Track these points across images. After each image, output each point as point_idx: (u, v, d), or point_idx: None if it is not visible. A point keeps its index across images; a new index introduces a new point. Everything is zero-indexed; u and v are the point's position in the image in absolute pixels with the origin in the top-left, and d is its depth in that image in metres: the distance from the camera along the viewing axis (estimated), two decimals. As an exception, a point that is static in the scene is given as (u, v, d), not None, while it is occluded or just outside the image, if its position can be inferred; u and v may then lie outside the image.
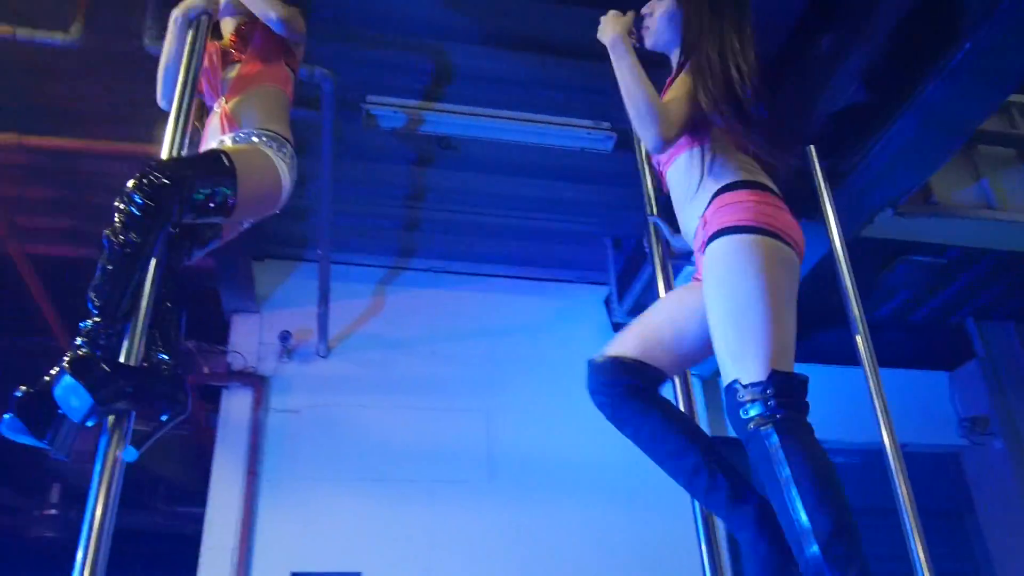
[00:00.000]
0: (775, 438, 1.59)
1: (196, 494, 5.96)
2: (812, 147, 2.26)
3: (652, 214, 2.24)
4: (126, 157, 3.61)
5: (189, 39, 2.04)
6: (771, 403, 1.62)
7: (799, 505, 1.53)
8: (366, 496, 4.12)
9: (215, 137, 2.18)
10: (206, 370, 4.56)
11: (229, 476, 4.22)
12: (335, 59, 3.25)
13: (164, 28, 3.12)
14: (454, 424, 4.46)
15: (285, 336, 4.45)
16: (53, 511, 6.87)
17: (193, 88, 1.93)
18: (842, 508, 1.54)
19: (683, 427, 1.83)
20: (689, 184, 1.91)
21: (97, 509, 1.44)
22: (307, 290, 4.52)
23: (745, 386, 1.65)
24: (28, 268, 4.13)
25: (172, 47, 2.24)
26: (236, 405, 4.40)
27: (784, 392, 1.63)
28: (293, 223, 4.56)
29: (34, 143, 3.56)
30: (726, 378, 1.69)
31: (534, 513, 4.32)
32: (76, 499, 6.87)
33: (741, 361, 1.67)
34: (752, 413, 1.63)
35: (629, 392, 1.84)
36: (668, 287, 2.09)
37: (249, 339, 4.55)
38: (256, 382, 4.41)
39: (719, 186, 1.85)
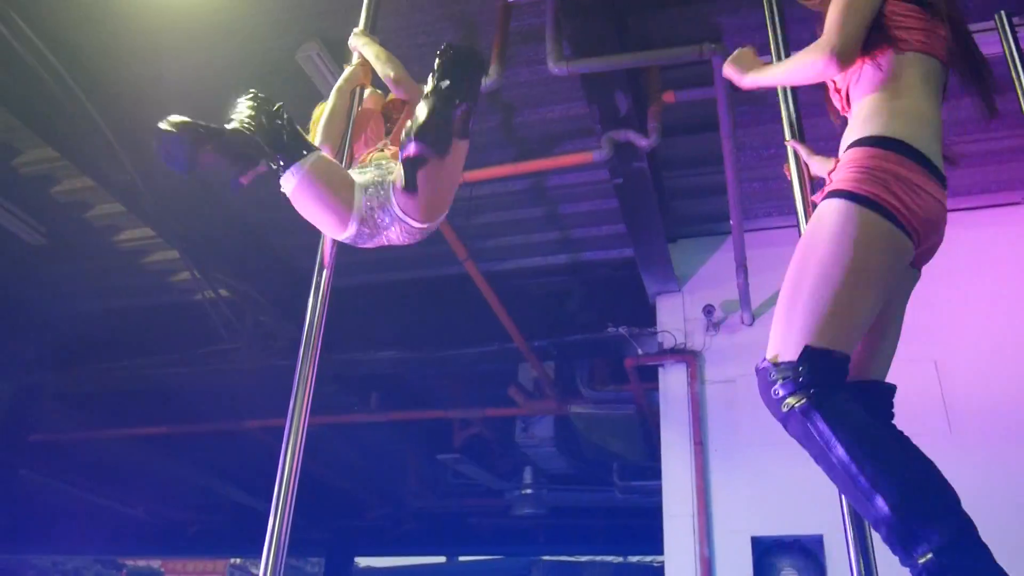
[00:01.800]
0: (815, 417, 1.46)
1: (648, 469, 6.39)
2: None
3: (789, 139, 1.98)
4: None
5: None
6: (802, 380, 1.49)
7: (863, 484, 1.40)
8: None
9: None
10: (640, 352, 4.90)
11: (677, 449, 4.47)
12: (732, 31, 3.33)
13: (565, 50, 3.48)
14: (901, 376, 4.18)
15: (709, 310, 4.60)
16: (528, 490, 7.85)
17: None
18: (907, 471, 1.40)
19: None
20: (851, 121, 1.72)
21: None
22: (724, 263, 4.63)
23: (777, 365, 1.53)
24: (485, 285, 4.80)
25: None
26: (673, 381, 4.66)
27: (819, 368, 1.49)
28: (701, 201, 4.70)
29: (474, 177, 4.14)
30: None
31: (1002, 463, 3.89)
32: (547, 479, 7.77)
33: (781, 337, 1.55)
34: (782, 393, 1.50)
35: None
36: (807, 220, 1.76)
37: (675, 317, 4.78)
38: (688, 357, 4.62)
39: (858, 136, 1.65)
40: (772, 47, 2.02)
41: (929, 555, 1.33)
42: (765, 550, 4.01)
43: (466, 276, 4.82)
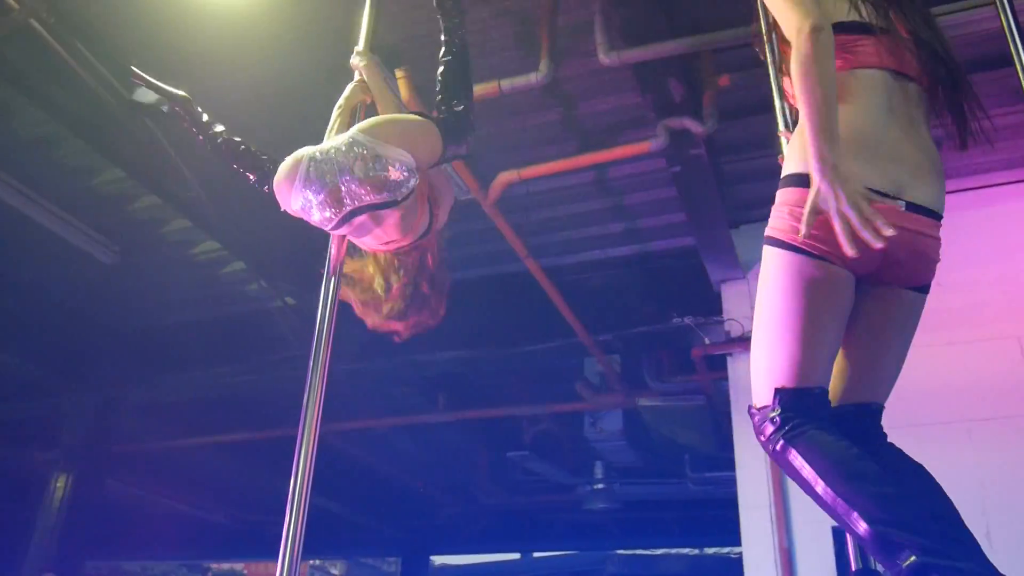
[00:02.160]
0: (791, 453, 1.54)
1: (721, 459, 6.29)
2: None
3: (782, 131, 1.96)
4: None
5: None
6: (778, 421, 1.56)
7: (842, 506, 1.44)
8: (900, 444, 3.93)
9: None
10: (707, 341, 4.83)
11: (750, 438, 4.35)
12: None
13: (615, 41, 3.44)
14: (983, 356, 4.04)
15: (775, 296, 4.50)
16: (600, 485, 7.82)
17: None
18: (882, 484, 1.45)
19: None
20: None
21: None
22: (789, 247, 4.51)
23: (759, 410, 1.61)
24: (546, 281, 4.79)
25: None
26: (742, 370, 4.57)
27: (791, 407, 1.57)
28: (762, 185, 4.59)
29: (531, 173, 4.13)
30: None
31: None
32: (618, 472, 7.72)
33: (756, 383, 1.64)
34: (766, 435, 1.58)
35: None
36: None
37: (742, 304, 4.69)
38: (757, 345, 4.52)
39: (783, 175, 1.70)
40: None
41: (912, 558, 1.37)
42: (847, 541, 3.90)
43: (528, 273, 4.82)
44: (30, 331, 5.93)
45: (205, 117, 2.60)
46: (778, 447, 1.55)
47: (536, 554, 12.57)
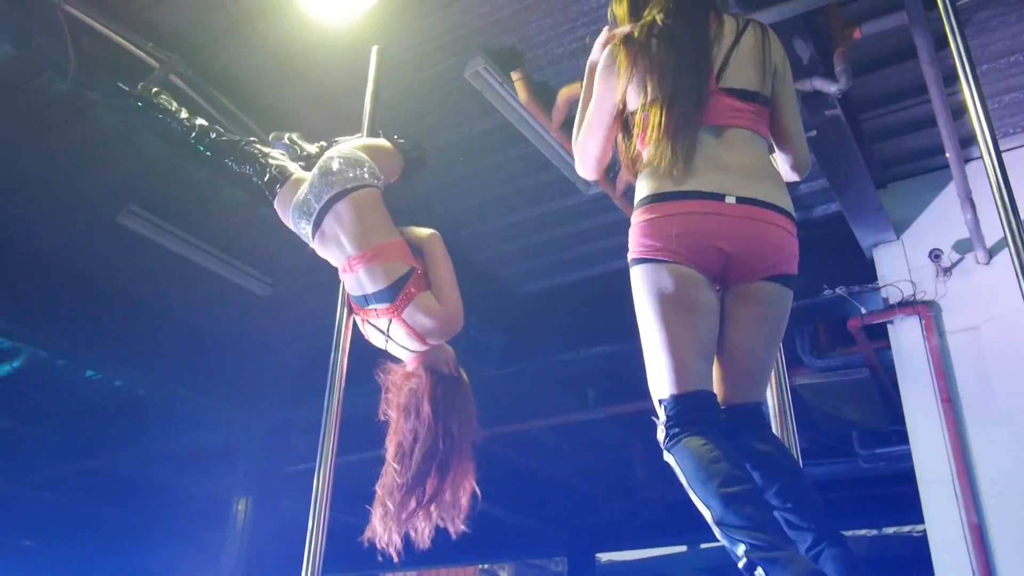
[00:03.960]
0: (671, 458, 1.73)
1: (892, 433, 5.95)
2: None
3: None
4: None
5: None
6: (663, 429, 1.75)
7: (701, 504, 1.65)
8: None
9: None
10: (864, 311, 4.56)
11: (923, 409, 4.11)
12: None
13: (732, 6, 3.31)
14: None
15: (936, 254, 4.21)
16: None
17: None
18: (726, 488, 1.60)
19: None
20: None
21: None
22: (945, 200, 4.21)
23: (656, 421, 1.79)
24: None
25: None
26: (906, 337, 4.29)
27: (674, 415, 1.74)
28: (909, 138, 4.33)
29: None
30: None
31: None
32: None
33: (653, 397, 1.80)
34: (661, 445, 1.76)
35: None
36: None
37: (898, 268, 4.41)
38: (920, 309, 4.24)
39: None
40: None
41: (744, 559, 1.57)
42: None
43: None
44: (201, 366, 6.36)
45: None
46: (665, 457, 1.74)
47: (703, 545, 12.31)
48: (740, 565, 1.58)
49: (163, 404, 6.96)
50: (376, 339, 2.54)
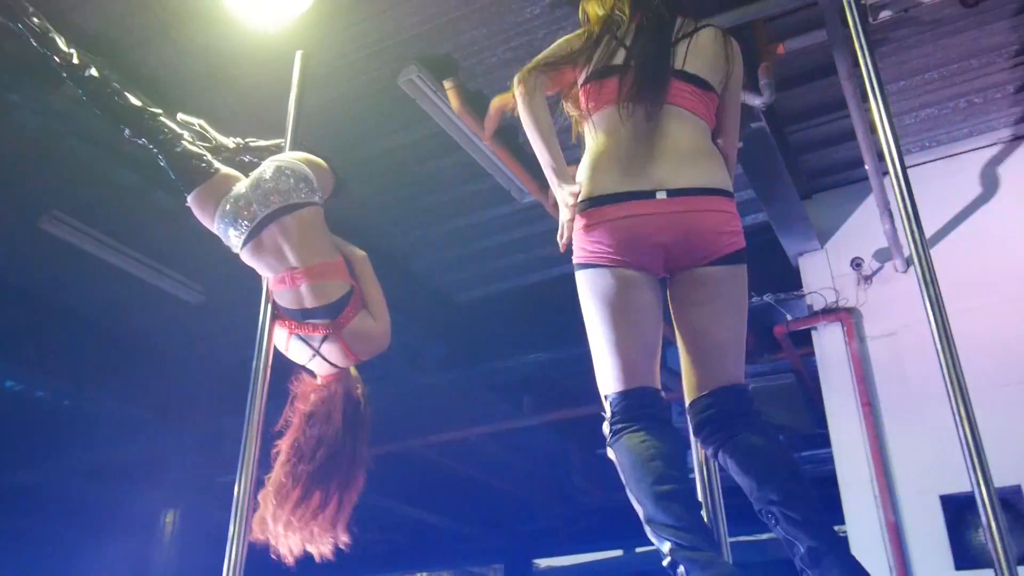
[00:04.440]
0: (611, 453, 1.78)
1: (818, 437, 6.10)
2: None
3: None
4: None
5: None
6: (607, 426, 1.81)
7: (632, 499, 1.70)
8: (1007, 403, 3.76)
9: None
10: (789, 317, 4.70)
11: (844, 412, 4.25)
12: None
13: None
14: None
15: (858, 263, 4.36)
16: (695, 474, 7.65)
17: None
18: (654, 489, 1.64)
19: None
20: None
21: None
22: (865, 210, 4.37)
23: (603, 419, 1.83)
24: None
25: None
26: (829, 343, 4.44)
27: (617, 412, 1.79)
28: (832, 151, 4.47)
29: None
30: None
31: None
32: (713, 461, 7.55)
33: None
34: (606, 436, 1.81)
35: None
36: None
37: (822, 276, 4.56)
38: (842, 316, 4.39)
39: None
40: None
41: (668, 557, 1.62)
42: (958, 508, 3.74)
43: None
44: (129, 376, 6.20)
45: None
46: (608, 454, 1.78)
47: (639, 549, 12.44)
48: (664, 563, 1.61)
49: (88, 416, 6.77)
50: (300, 354, 2.51)
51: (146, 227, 4.95)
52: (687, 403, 1.88)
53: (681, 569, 1.59)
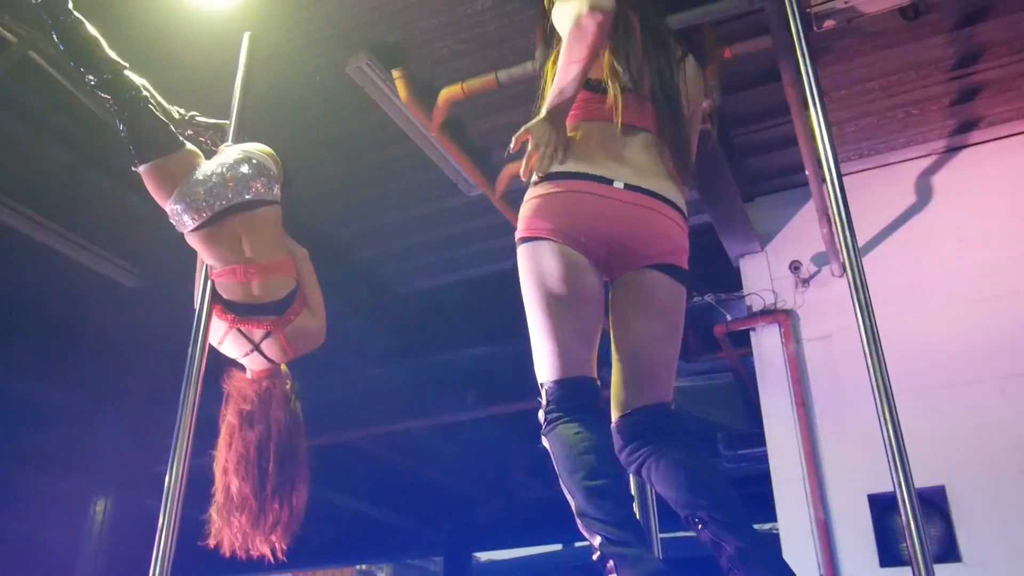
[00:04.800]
0: (546, 441, 1.74)
1: (754, 435, 6.23)
2: None
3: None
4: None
5: None
6: (545, 411, 1.76)
7: (566, 492, 1.68)
8: (933, 406, 3.88)
9: None
10: (729, 318, 4.78)
11: (779, 412, 4.35)
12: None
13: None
14: (1010, 311, 3.97)
15: (796, 266, 4.46)
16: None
17: None
18: (587, 483, 1.63)
19: None
20: None
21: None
22: (805, 214, 4.47)
23: (539, 403, 1.78)
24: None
25: None
26: (767, 344, 4.53)
27: (555, 400, 1.75)
28: (775, 155, 4.55)
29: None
30: None
31: None
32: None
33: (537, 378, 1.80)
34: (541, 420, 1.77)
35: None
36: None
37: (762, 278, 4.64)
38: (780, 317, 4.48)
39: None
40: None
41: (598, 552, 1.60)
42: (885, 507, 3.86)
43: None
44: (60, 360, 6.03)
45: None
46: (542, 442, 1.74)
47: (578, 543, 12.55)
48: (594, 557, 1.60)
49: (17, 400, 6.55)
50: (236, 348, 2.46)
51: (80, 206, 4.80)
52: (614, 419, 1.87)
53: (611, 564, 1.58)
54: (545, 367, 1.78)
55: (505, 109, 4.07)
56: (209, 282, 2.40)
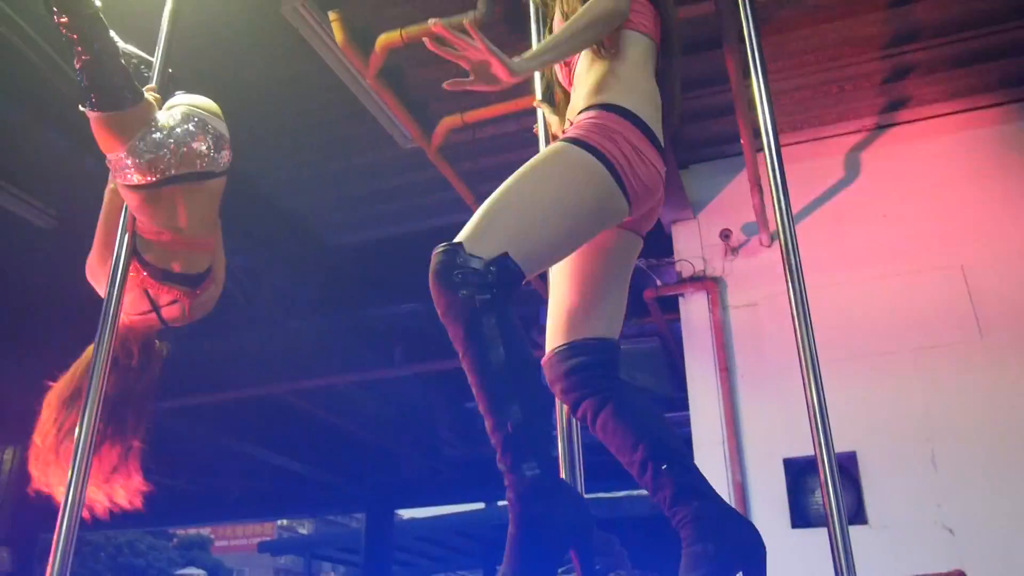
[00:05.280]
0: (488, 316, 1.45)
1: (677, 400, 6.37)
2: None
3: (538, 101, 2.18)
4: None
5: None
6: (490, 280, 1.45)
7: (500, 393, 1.44)
8: (848, 375, 4.01)
9: None
10: (659, 283, 4.84)
11: (703, 377, 4.44)
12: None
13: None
14: (928, 286, 4.12)
15: (726, 234, 4.52)
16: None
17: None
18: (535, 400, 1.45)
19: None
20: (578, 92, 1.80)
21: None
22: (738, 184, 4.53)
23: (470, 254, 1.47)
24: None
25: None
26: (695, 310, 4.60)
27: (505, 274, 1.47)
28: (711, 123, 4.58)
29: (475, 117, 4.05)
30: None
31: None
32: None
33: (480, 231, 1.50)
34: (464, 280, 1.46)
35: None
36: None
37: (693, 245, 4.70)
38: (709, 284, 4.55)
39: (589, 103, 1.72)
40: None
41: (526, 480, 1.41)
42: (799, 471, 3.99)
43: (478, 221, 4.75)
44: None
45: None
46: (477, 301, 1.46)
47: (500, 503, 12.72)
48: (507, 481, 1.44)
49: (-81, 343, 6.24)
50: (135, 305, 2.36)
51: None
52: (556, 345, 1.76)
53: (529, 494, 1.42)
54: (522, 247, 1.51)
55: (447, 60, 3.97)
56: (128, 234, 2.27)
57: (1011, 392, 3.82)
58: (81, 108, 2.20)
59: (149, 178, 2.23)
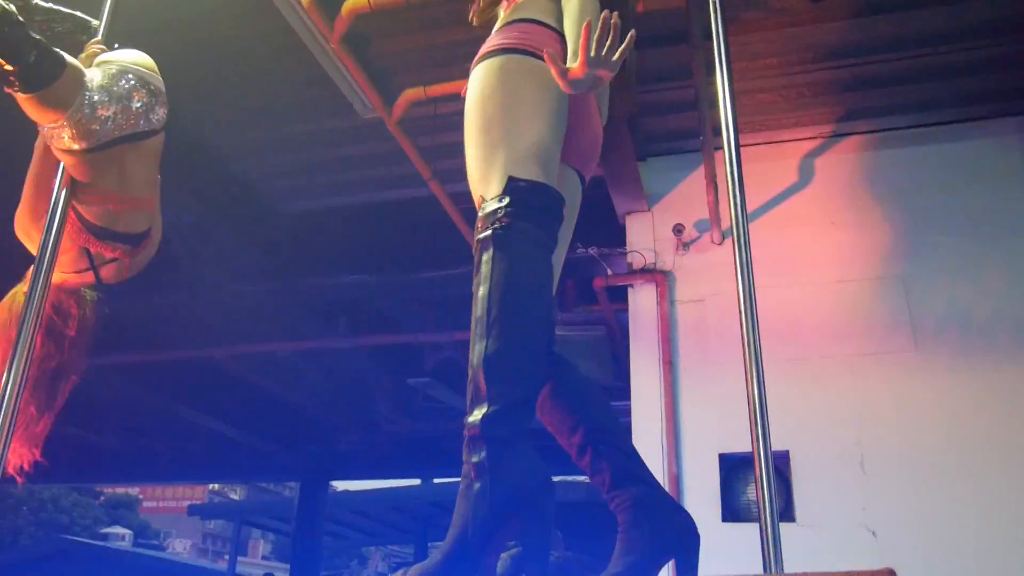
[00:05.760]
0: (493, 247, 1.48)
1: (619, 389, 6.43)
2: None
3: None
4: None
5: None
6: (509, 201, 1.50)
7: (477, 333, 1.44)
8: (786, 376, 4.09)
9: None
10: (609, 272, 4.86)
11: (646, 368, 4.48)
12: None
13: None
14: (870, 294, 4.22)
15: (679, 229, 4.55)
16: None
17: None
18: (533, 339, 1.43)
19: None
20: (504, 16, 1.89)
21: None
22: (694, 180, 4.56)
23: (487, 200, 1.53)
24: (451, 206, 4.70)
25: None
26: (642, 301, 4.64)
27: (522, 193, 1.51)
28: (672, 118, 4.60)
29: (438, 91, 3.99)
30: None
31: (966, 382, 3.94)
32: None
33: (485, 181, 1.57)
34: (492, 209, 1.51)
35: None
36: None
37: (645, 237, 4.73)
38: (658, 277, 4.59)
39: (512, 19, 1.78)
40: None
41: (479, 426, 1.42)
42: (732, 466, 4.07)
43: (432, 198, 4.71)
44: None
45: None
46: (505, 221, 1.49)
47: (436, 480, 12.75)
48: (470, 432, 1.44)
49: None
50: (73, 264, 2.28)
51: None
52: None
53: (488, 447, 1.43)
54: (523, 163, 1.54)
55: (414, 32, 3.92)
56: (66, 190, 2.18)
57: (940, 403, 3.94)
58: (7, 90, 2.07)
59: (86, 143, 2.14)
